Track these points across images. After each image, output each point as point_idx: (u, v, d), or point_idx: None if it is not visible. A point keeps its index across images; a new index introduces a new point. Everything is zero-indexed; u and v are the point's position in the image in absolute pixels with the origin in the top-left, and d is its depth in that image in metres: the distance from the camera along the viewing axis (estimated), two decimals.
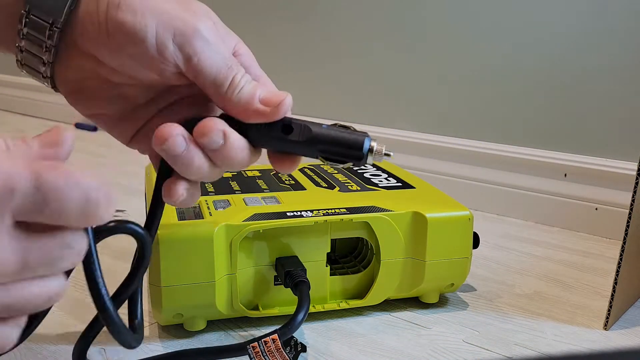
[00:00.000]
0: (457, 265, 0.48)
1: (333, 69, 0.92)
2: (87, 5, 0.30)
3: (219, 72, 0.31)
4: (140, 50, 0.30)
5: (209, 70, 0.31)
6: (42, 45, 0.31)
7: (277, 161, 0.33)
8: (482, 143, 0.77)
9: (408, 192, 0.52)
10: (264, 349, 0.38)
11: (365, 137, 0.32)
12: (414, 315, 0.49)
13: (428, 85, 0.82)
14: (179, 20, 0.30)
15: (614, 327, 0.47)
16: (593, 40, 0.68)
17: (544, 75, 0.72)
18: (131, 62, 0.31)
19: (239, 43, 0.34)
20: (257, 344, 0.39)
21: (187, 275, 0.42)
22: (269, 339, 0.39)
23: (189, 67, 0.31)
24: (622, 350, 0.20)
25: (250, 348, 0.39)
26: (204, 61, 0.31)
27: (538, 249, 0.65)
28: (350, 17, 0.88)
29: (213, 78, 0.31)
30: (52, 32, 0.30)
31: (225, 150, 0.31)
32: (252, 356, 0.39)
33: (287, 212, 0.45)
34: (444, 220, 0.47)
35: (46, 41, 0.31)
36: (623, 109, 0.67)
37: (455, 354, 0.43)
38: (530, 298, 0.52)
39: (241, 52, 0.34)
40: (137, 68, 0.31)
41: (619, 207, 0.67)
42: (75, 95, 0.33)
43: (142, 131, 0.34)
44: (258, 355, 0.39)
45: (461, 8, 0.77)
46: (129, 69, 0.31)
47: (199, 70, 0.31)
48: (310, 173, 0.57)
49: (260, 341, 0.39)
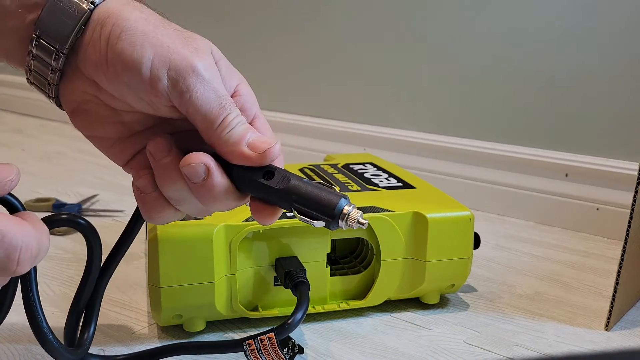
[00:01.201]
0: (458, 265, 0.48)
1: (333, 69, 0.92)
2: (92, 33, 0.32)
3: (211, 110, 0.31)
4: (136, 80, 0.31)
5: (201, 108, 0.31)
6: (48, 67, 0.33)
7: (256, 210, 0.33)
8: (482, 143, 0.77)
9: (408, 192, 0.52)
10: (259, 346, 0.38)
11: (342, 198, 0.31)
12: (414, 316, 0.48)
13: (428, 85, 0.82)
14: (176, 55, 0.31)
15: (615, 328, 0.47)
16: (594, 41, 0.67)
17: (545, 75, 0.72)
18: (128, 90, 0.32)
19: (242, 83, 0.35)
20: (253, 341, 0.39)
21: (186, 276, 0.42)
22: (265, 337, 0.38)
23: (181, 103, 0.31)
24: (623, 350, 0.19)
25: (246, 345, 0.39)
26: (197, 98, 0.31)
27: (539, 249, 0.65)
28: (350, 16, 0.88)
29: (204, 115, 0.31)
30: (58, 57, 0.32)
31: (207, 185, 0.31)
32: (247, 353, 0.39)
33: (287, 213, 0.45)
34: (444, 220, 0.47)
35: (52, 64, 0.33)
36: (624, 109, 0.67)
37: (456, 355, 0.43)
38: (531, 298, 0.52)
39: (242, 93, 0.34)
40: (133, 97, 0.32)
41: (620, 207, 0.67)
42: (77, 116, 0.34)
43: (138, 157, 0.35)
44: (253, 352, 0.38)
45: (461, 8, 0.77)
46: (126, 97, 0.32)
47: (191, 106, 0.31)
48: (310, 173, 0.57)
49: (256, 338, 0.38)
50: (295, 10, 0.95)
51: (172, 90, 0.31)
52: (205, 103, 0.31)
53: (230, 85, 0.34)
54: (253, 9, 1.00)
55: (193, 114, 0.31)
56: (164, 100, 0.32)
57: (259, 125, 0.35)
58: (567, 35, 0.69)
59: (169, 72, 0.31)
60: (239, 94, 0.34)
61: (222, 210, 0.33)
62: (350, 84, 0.90)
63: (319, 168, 0.59)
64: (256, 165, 0.32)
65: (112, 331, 0.45)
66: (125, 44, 0.31)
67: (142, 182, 0.33)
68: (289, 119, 0.98)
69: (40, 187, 0.84)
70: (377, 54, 0.86)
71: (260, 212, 0.33)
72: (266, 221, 0.33)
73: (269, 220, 0.33)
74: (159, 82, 0.31)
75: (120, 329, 0.46)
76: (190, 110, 0.31)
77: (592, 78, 0.68)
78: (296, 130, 0.96)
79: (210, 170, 0.31)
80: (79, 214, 0.71)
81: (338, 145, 0.91)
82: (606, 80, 0.67)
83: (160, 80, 0.31)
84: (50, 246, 0.29)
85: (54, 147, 1.11)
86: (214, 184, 0.31)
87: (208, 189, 0.31)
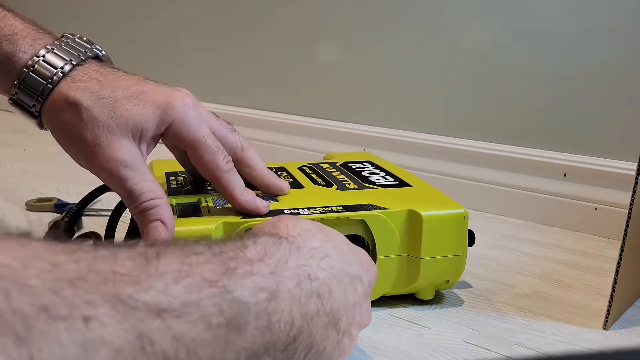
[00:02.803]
0: (453, 262, 0.48)
1: (332, 69, 0.92)
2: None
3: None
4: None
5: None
6: (29, 108, 0.43)
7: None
8: (482, 143, 0.77)
9: (405, 190, 0.52)
10: None
11: None
12: (413, 315, 0.49)
13: (428, 85, 0.82)
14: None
15: (613, 327, 0.47)
16: (593, 40, 0.68)
17: (544, 75, 0.72)
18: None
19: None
20: None
21: None
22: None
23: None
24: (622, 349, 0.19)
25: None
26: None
27: (538, 248, 0.65)
28: (349, 16, 0.88)
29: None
30: (36, 103, 0.43)
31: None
32: None
33: (285, 210, 0.45)
34: (438, 218, 0.47)
35: (32, 107, 0.43)
36: (623, 109, 0.67)
37: (454, 354, 0.43)
38: (530, 298, 0.52)
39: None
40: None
41: (619, 207, 0.67)
42: (60, 141, 0.44)
43: None
44: None
45: (461, 8, 0.77)
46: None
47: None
48: (309, 171, 0.57)
49: None
50: (295, 10, 0.95)
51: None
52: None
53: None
54: (253, 9, 1.00)
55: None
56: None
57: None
58: (566, 35, 0.69)
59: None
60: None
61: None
62: (350, 85, 0.90)
63: (317, 166, 0.60)
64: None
65: None
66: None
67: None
68: (289, 119, 0.98)
69: (41, 187, 0.85)
70: (377, 54, 0.86)
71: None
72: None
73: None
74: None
75: None
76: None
77: (591, 78, 0.68)
78: (296, 130, 0.97)
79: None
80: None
81: (338, 145, 0.91)
82: (605, 80, 0.67)
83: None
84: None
85: (56, 147, 1.10)
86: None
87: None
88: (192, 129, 0.42)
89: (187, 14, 1.11)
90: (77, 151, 0.41)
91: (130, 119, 0.40)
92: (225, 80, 1.06)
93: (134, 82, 0.42)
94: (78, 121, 0.40)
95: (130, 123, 0.40)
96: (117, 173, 0.40)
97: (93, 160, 0.40)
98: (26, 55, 0.42)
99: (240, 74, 1.04)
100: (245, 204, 0.43)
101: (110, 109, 0.40)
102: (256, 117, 1.00)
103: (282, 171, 0.57)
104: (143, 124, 0.40)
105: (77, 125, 0.40)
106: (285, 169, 0.58)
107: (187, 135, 0.42)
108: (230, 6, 1.03)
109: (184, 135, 0.42)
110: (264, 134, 0.98)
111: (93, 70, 0.42)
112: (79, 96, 0.40)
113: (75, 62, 0.42)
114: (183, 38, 1.12)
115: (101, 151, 0.40)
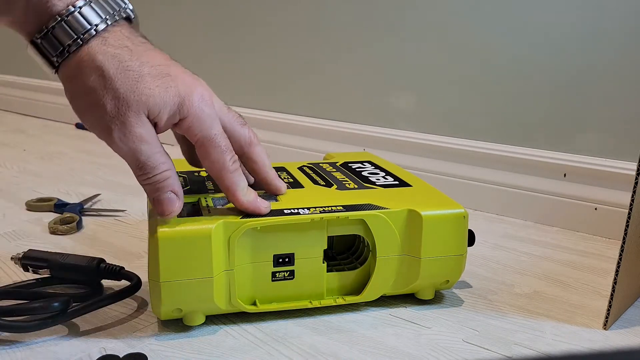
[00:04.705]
0: (452, 262, 0.48)
1: (332, 69, 0.92)
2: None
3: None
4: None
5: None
6: (50, 57, 0.40)
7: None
8: (482, 143, 0.77)
9: (405, 190, 0.52)
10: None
11: None
12: (414, 315, 0.49)
13: (428, 85, 0.82)
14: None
15: (613, 327, 0.47)
16: (593, 40, 0.68)
17: (544, 75, 0.72)
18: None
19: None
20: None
21: (185, 271, 0.42)
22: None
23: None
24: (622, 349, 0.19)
25: None
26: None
27: (537, 248, 0.65)
28: (349, 16, 0.88)
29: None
30: (60, 56, 0.40)
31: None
32: None
33: (285, 210, 0.46)
34: (438, 218, 0.47)
35: (53, 56, 0.40)
36: (622, 109, 0.67)
37: (454, 354, 0.43)
38: (530, 297, 0.52)
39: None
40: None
41: (619, 207, 0.67)
42: (75, 102, 0.41)
43: None
44: None
45: (461, 8, 0.77)
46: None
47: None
48: (309, 171, 0.58)
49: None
50: (294, 9, 0.95)
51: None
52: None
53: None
54: (253, 9, 1.00)
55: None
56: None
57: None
58: (566, 35, 0.69)
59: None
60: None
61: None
62: (350, 85, 0.90)
63: (317, 166, 0.60)
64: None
65: (114, 330, 0.45)
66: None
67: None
68: (289, 119, 0.98)
69: (41, 187, 0.85)
70: (377, 54, 0.86)
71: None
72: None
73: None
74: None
75: (121, 328, 0.46)
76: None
77: (591, 78, 0.68)
78: (296, 130, 0.97)
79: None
80: (81, 213, 0.71)
81: (338, 145, 0.91)
82: (605, 80, 0.68)
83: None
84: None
85: (56, 147, 1.11)
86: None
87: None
88: (205, 126, 0.42)
89: (185, 13, 1.11)
90: (93, 119, 0.40)
91: (151, 100, 0.39)
92: (225, 80, 1.06)
93: (161, 60, 0.41)
94: (99, 89, 0.39)
95: (150, 103, 0.39)
96: (132, 145, 0.40)
97: (109, 131, 0.39)
98: (61, 3, 0.39)
99: (240, 74, 1.04)
100: (247, 204, 0.44)
101: (134, 84, 0.39)
102: (256, 117, 1.01)
103: (282, 171, 0.57)
104: (161, 108, 0.40)
105: (98, 93, 0.39)
106: (285, 169, 0.58)
107: (199, 131, 0.42)
108: (230, 6, 1.03)
109: (196, 131, 0.42)
110: (264, 134, 0.98)
111: (125, 36, 0.41)
112: (107, 63, 0.39)
113: (110, 21, 0.40)
114: (182, 38, 1.12)
115: (119, 123, 0.39)
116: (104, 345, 0.43)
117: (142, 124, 0.40)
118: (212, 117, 0.42)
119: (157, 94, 0.40)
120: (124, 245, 0.62)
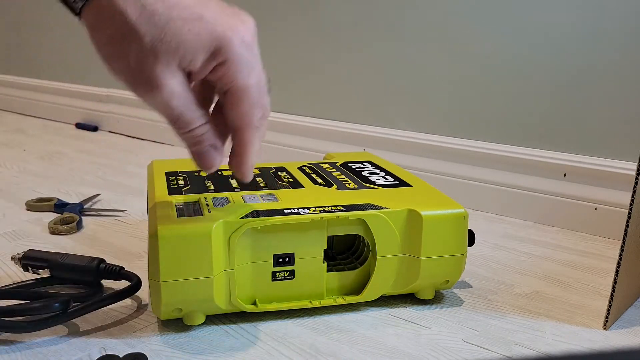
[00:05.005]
0: (452, 262, 0.48)
1: (332, 69, 0.92)
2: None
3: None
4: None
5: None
6: (70, 2, 0.36)
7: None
8: (482, 143, 0.77)
9: (405, 190, 0.52)
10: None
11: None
12: (413, 315, 0.49)
13: (428, 85, 0.82)
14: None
15: (613, 327, 0.47)
16: (593, 40, 0.68)
17: (544, 75, 0.72)
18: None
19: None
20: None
21: (185, 271, 0.42)
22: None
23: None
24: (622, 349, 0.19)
25: None
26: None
27: (537, 248, 0.65)
28: (349, 16, 0.88)
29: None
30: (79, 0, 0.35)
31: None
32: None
33: (285, 210, 0.46)
34: (438, 217, 0.47)
35: (73, 1, 0.35)
36: (623, 109, 0.67)
37: (454, 354, 0.43)
38: (530, 297, 0.52)
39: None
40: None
41: (619, 207, 0.67)
42: (101, 51, 0.36)
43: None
44: None
45: (461, 7, 0.77)
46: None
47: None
48: (309, 171, 0.58)
49: None
50: (294, 9, 0.95)
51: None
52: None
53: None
54: (253, 9, 1.00)
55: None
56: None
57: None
58: (566, 35, 0.69)
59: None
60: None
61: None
62: (350, 85, 0.90)
63: (317, 166, 0.60)
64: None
65: (114, 330, 0.45)
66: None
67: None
68: (289, 119, 0.98)
69: (41, 186, 0.85)
70: (377, 54, 0.86)
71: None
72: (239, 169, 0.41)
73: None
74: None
75: (121, 328, 0.46)
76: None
77: (591, 78, 0.68)
78: (296, 130, 0.97)
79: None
80: (81, 213, 0.71)
81: (338, 145, 0.91)
82: (605, 80, 0.68)
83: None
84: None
85: (56, 147, 1.11)
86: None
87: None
88: (243, 74, 0.38)
89: None
90: (117, 71, 0.36)
91: (181, 46, 0.35)
92: None
93: (194, 1, 0.36)
94: (121, 38, 0.34)
95: (181, 51, 0.35)
96: (162, 101, 0.36)
97: (136, 85, 0.36)
98: None
99: None
100: (248, 165, 0.41)
101: (161, 30, 0.34)
102: None
103: (282, 171, 0.57)
104: (194, 54, 0.35)
105: (119, 43, 0.35)
106: (285, 169, 0.58)
107: (234, 79, 0.37)
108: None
109: (231, 78, 0.37)
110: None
111: None
112: (128, 7, 0.34)
113: None
114: None
115: (144, 77, 0.35)
116: (104, 345, 0.43)
117: (171, 76, 0.35)
118: (250, 64, 0.38)
119: (189, 39, 0.35)
120: (124, 245, 0.62)
